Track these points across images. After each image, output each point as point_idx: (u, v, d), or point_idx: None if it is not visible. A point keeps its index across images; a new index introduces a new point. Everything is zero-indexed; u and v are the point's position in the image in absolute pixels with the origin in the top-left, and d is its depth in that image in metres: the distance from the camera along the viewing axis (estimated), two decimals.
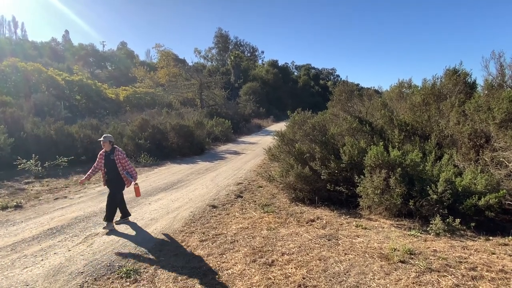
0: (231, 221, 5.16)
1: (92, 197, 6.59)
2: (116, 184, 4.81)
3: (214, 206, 5.99)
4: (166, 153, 12.10)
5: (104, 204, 5.87)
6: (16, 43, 42.33)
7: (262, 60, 63.99)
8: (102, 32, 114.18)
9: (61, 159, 8.79)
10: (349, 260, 3.54)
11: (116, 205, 4.85)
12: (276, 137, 6.99)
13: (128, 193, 5.43)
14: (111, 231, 4.60)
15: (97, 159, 4.81)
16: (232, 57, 48.86)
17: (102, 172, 4.84)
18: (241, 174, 9.11)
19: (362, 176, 5.50)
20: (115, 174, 4.76)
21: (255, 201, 6.38)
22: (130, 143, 11.63)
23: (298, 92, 53.47)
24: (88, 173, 4.84)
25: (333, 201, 6.15)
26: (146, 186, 7.56)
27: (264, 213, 5.54)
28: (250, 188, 7.50)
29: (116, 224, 4.89)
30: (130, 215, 5.15)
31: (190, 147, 12.91)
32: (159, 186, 7.63)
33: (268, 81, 48.40)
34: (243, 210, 5.80)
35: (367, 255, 3.64)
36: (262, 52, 67.62)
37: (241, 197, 6.75)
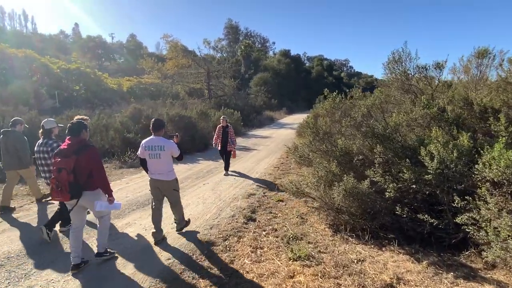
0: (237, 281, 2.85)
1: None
2: (226, 147, 7.23)
3: (211, 243, 3.70)
4: None
5: None
6: (25, 36, 40.92)
7: (273, 51, 61.03)
8: (112, 25, 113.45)
9: None
10: None
11: (228, 161, 7.37)
12: (308, 129, 4.59)
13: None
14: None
15: (217, 131, 7.37)
16: (242, 47, 46.18)
17: (220, 139, 7.29)
18: (253, 180, 6.79)
19: (469, 198, 3.09)
20: (226, 141, 7.20)
21: (276, 230, 4.06)
22: (117, 137, 9.46)
23: (311, 83, 50.34)
24: (214, 139, 7.45)
25: (405, 234, 3.76)
26: (122, 197, 5.36)
27: (294, 260, 3.20)
28: (266, 204, 5.17)
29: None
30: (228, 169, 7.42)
31: (192, 142, 10.63)
32: (137, 199, 5.40)
33: (280, 72, 45.51)
34: (257, 251, 3.48)
35: None
36: (273, 43, 64.47)
37: (254, 220, 4.45)
